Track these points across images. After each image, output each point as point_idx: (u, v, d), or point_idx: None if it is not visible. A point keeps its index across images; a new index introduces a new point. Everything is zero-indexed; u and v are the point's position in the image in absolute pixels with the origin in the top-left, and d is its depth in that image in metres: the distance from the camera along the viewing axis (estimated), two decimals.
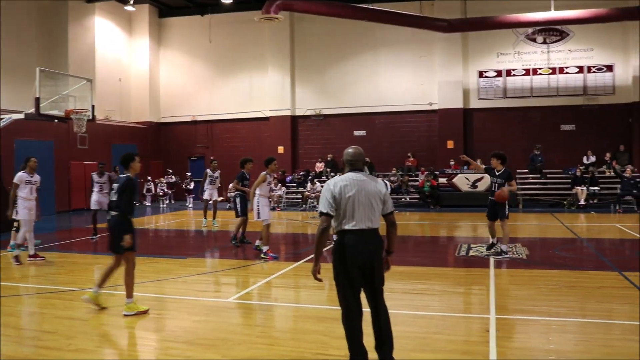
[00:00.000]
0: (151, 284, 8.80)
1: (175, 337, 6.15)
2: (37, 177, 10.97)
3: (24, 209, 10.61)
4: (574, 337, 5.99)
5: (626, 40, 23.27)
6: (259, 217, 11.08)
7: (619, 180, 20.86)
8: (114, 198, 7.04)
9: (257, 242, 11.60)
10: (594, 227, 16.18)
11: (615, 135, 23.24)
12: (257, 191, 11.10)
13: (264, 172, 11.07)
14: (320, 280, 4.90)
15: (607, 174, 22.28)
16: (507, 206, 10.58)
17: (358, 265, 4.74)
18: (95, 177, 14.15)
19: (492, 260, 10.23)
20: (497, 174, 10.65)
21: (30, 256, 10.83)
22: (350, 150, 5.01)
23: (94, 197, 13.93)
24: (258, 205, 11.08)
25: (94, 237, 13.89)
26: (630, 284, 8.15)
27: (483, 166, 11.39)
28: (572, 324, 6.42)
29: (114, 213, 7.02)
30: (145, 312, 6.94)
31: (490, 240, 11.26)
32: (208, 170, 17.25)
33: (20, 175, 10.70)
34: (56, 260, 11.15)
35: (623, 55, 23.41)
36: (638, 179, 20.22)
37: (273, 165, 11.18)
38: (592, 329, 6.24)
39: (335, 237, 4.90)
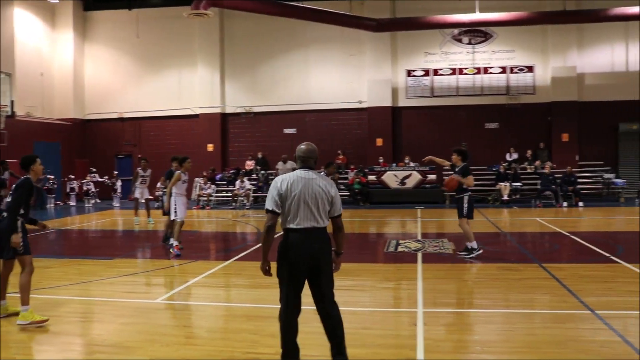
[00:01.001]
0: (75, 287, 8.50)
1: (102, 341, 5.95)
2: None
3: None
4: (498, 327, 6.18)
5: (545, 42, 24.30)
6: (175, 216, 11.25)
7: (538, 176, 21.80)
8: (9, 199, 6.57)
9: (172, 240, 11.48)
10: (516, 222, 16.79)
11: (536, 133, 24.24)
12: (174, 190, 11.32)
13: (179, 171, 11.41)
14: (270, 275, 4.85)
15: (529, 170, 23.20)
16: (466, 204, 10.15)
17: (302, 265, 4.65)
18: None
19: (419, 255, 10.43)
20: (456, 170, 10.43)
21: None
22: (302, 146, 4.93)
23: None
24: (175, 204, 11.30)
25: None
26: (549, 275, 8.49)
27: (448, 162, 11.06)
28: (496, 315, 6.64)
29: (5, 215, 6.55)
30: (42, 322, 6.37)
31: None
32: (139, 170, 16.88)
33: None
34: None
35: (542, 57, 24.42)
36: (557, 175, 21.17)
37: (187, 164, 11.55)
38: (515, 319, 6.46)
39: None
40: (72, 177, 25.61)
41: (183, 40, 26.82)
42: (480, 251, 9.99)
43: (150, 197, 17.30)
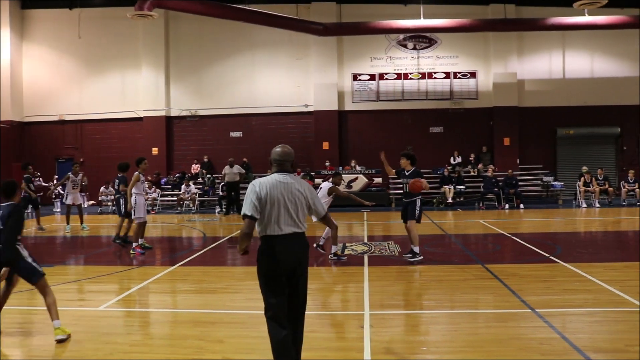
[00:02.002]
0: (14, 296, 8.17)
1: (41, 352, 5.79)
2: None
3: None
4: (442, 327, 6.31)
5: (487, 49, 24.95)
6: (134, 215, 11.80)
7: (481, 179, 22.37)
8: None
9: (140, 241, 11.91)
10: (460, 224, 17.15)
11: (479, 137, 24.85)
12: (134, 190, 11.71)
13: (137, 172, 11.74)
14: (247, 252, 4.60)
15: (472, 173, 23.75)
16: (418, 207, 10.23)
17: (285, 272, 4.52)
18: None
19: (366, 258, 10.53)
20: (406, 173, 10.27)
21: None
22: (278, 149, 4.73)
23: None
24: (135, 204, 11.73)
25: None
26: (491, 275, 8.71)
27: (393, 170, 10.89)
28: (441, 316, 6.77)
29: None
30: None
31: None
32: (70, 174, 16.45)
33: None
34: None
35: (484, 63, 25.06)
36: (499, 178, 21.76)
37: (144, 165, 12.02)
38: (459, 319, 6.61)
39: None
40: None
41: (127, 41, 26.26)
42: (421, 257, 9.98)
43: (90, 202, 16.96)
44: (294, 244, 4.57)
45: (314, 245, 10.33)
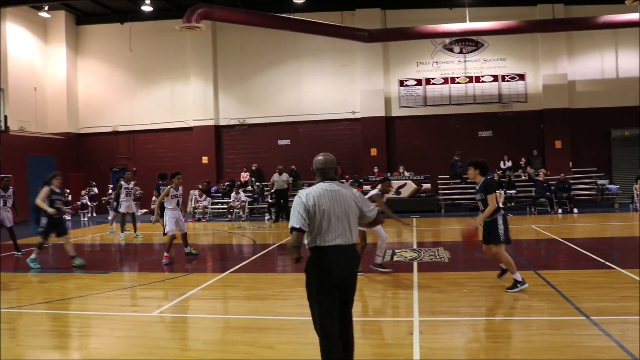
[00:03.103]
0: (72, 301, 8.47)
1: (98, 355, 5.94)
2: None
3: None
4: (494, 335, 6.20)
5: (536, 50, 24.47)
6: (165, 229, 11.90)
7: (533, 183, 21.90)
8: None
9: (187, 249, 12.08)
10: (512, 229, 16.71)
11: (529, 140, 24.35)
12: (166, 204, 11.75)
13: (169, 186, 11.76)
14: (300, 258, 4.37)
15: (523, 177, 23.29)
16: (500, 226, 8.24)
17: (335, 285, 4.31)
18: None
19: (415, 264, 10.45)
20: (477, 187, 8.33)
21: None
22: (320, 157, 4.55)
23: (6, 213, 13.24)
24: (166, 218, 11.76)
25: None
26: (544, 282, 8.51)
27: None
28: (493, 323, 6.66)
29: None
30: None
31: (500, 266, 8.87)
32: (122, 182, 16.83)
33: None
34: None
35: (533, 64, 24.58)
36: (550, 182, 21.26)
37: (177, 180, 11.84)
38: (511, 326, 6.49)
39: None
40: (67, 191, 25.53)
41: (176, 53, 26.87)
42: (526, 285, 7.91)
43: (143, 210, 17.34)
44: (345, 255, 4.36)
45: (370, 265, 9.97)
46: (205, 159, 26.30)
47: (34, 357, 6.03)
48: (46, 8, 24.74)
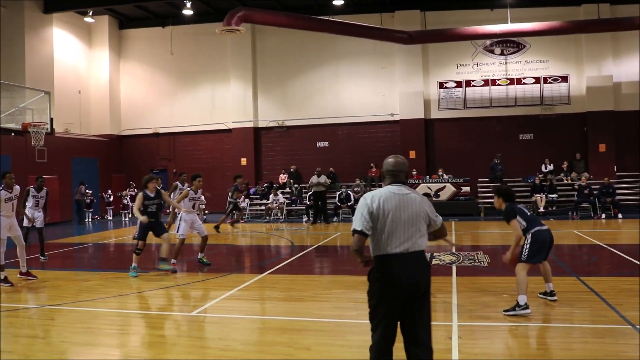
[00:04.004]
0: (114, 299, 8.65)
1: (138, 353, 6.07)
2: (16, 190, 10.34)
3: (4, 227, 9.83)
4: (534, 341, 6.11)
5: (579, 52, 23.97)
6: (176, 231, 11.49)
7: (575, 188, 21.43)
8: None
9: (199, 255, 11.70)
10: (553, 234, 16.45)
11: (572, 143, 23.86)
12: (182, 206, 11.42)
13: (188, 188, 11.51)
14: (370, 261, 4.09)
15: (565, 181, 22.83)
16: (527, 245, 7.72)
17: (401, 295, 3.98)
18: (33, 191, 13.26)
19: (454, 268, 10.35)
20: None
21: (21, 274, 10.27)
22: (390, 159, 4.29)
23: (31, 213, 13.01)
24: (179, 221, 11.45)
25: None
26: (587, 288, 8.34)
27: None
28: (533, 329, 6.55)
29: None
30: None
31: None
32: (177, 183, 17.07)
33: (1, 193, 9.93)
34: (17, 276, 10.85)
35: (576, 66, 24.08)
36: (593, 187, 20.78)
37: (197, 182, 11.55)
38: (553, 333, 6.37)
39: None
40: (110, 191, 26.13)
41: (216, 55, 27.22)
42: (528, 311, 6.97)
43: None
44: (413, 263, 4.04)
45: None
46: (244, 161, 26.55)
47: (77, 354, 6.18)
48: (90, 13, 25.37)
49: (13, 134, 16.65)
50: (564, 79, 24.25)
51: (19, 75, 22.17)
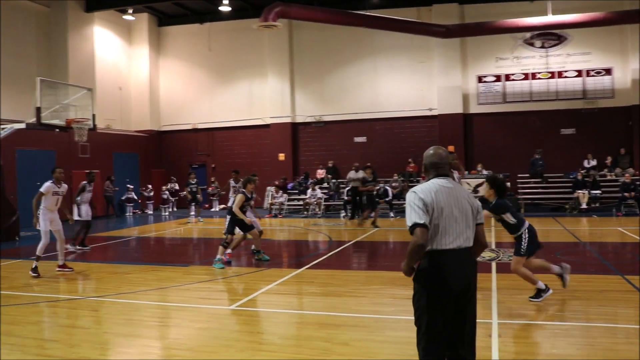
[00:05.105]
0: (154, 292, 8.81)
1: (179, 345, 6.16)
2: (64, 187, 10.69)
3: (46, 220, 10.24)
4: (577, 341, 5.97)
5: (624, 43, 23.30)
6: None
7: (620, 184, 20.89)
8: None
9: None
10: (596, 231, 16.15)
11: (616, 138, 23.25)
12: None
13: (243, 192, 11.38)
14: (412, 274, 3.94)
15: (609, 177, 22.28)
16: (525, 240, 7.58)
17: (453, 293, 3.84)
18: (87, 186, 13.85)
19: (493, 265, 10.22)
20: (490, 207, 7.79)
21: (59, 266, 10.65)
22: (431, 151, 4.14)
23: (85, 207, 13.76)
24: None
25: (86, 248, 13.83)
26: (632, 287, 8.14)
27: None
28: (576, 328, 6.41)
29: None
30: None
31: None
32: (231, 181, 17.38)
33: (48, 186, 10.32)
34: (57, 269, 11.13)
35: (621, 58, 23.43)
36: (638, 183, 20.22)
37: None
38: (596, 333, 6.22)
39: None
40: (150, 186, 26.58)
41: (253, 51, 27.38)
42: (551, 291, 7.49)
43: (220, 206, 17.74)
44: (464, 260, 3.91)
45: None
46: (282, 156, 26.68)
47: (119, 344, 6.32)
48: (130, 11, 25.85)
49: (57, 130, 17.03)
50: (608, 71, 23.64)
51: (62, 73, 22.74)
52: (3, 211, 16.42)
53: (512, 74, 24.57)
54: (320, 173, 25.81)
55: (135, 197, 25.51)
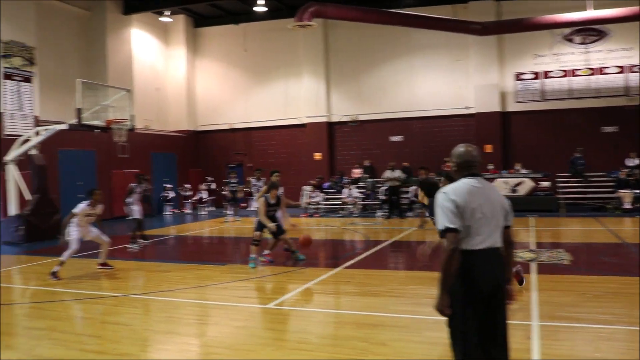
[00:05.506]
0: (193, 290, 8.92)
1: (218, 343, 6.25)
2: (99, 208, 10.69)
3: (78, 230, 10.33)
4: (621, 345, 5.84)
5: None
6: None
7: None
8: None
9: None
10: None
11: None
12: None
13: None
14: (449, 314, 3.85)
15: None
16: None
17: (483, 294, 3.81)
18: (136, 188, 14.74)
19: (533, 265, 10.06)
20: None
21: (99, 264, 10.92)
22: (461, 149, 4.12)
23: (137, 207, 14.59)
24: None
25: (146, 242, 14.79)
26: None
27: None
28: (620, 332, 6.26)
29: None
30: None
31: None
32: (252, 179, 17.55)
33: (82, 207, 10.35)
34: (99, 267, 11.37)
35: None
36: None
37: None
38: None
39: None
40: (187, 186, 26.93)
41: (288, 51, 27.50)
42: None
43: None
44: (494, 261, 3.88)
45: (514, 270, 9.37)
46: (318, 155, 26.72)
47: (159, 341, 6.44)
48: (167, 13, 26.23)
49: (97, 130, 17.41)
50: None
51: (102, 75, 23.22)
52: (46, 210, 16.87)
53: (551, 71, 24.12)
54: (357, 172, 25.76)
55: (173, 195, 25.88)
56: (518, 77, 24.53)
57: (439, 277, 3.78)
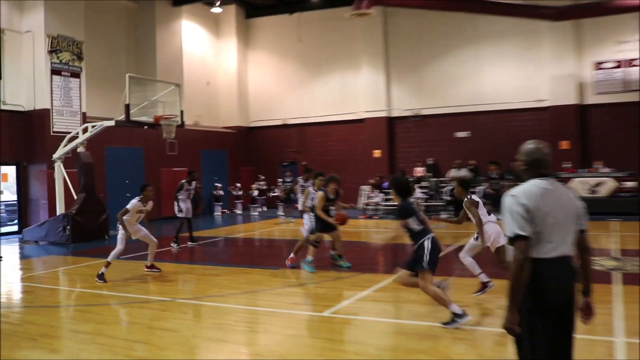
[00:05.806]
0: (244, 296, 8.98)
1: (269, 352, 6.24)
2: (150, 205, 10.95)
3: (121, 240, 10.52)
4: None
5: None
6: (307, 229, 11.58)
7: None
8: None
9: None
10: None
11: None
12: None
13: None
14: (518, 333, 3.65)
15: None
16: (424, 251, 7.06)
17: (555, 306, 3.68)
18: (186, 185, 15.00)
19: (617, 275, 9.67)
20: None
21: (147, 267, 11.18)
22: (531, 146, 3.94)
23: (184, 205, 14.83)
24: (308, 220, 11.56)
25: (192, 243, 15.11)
26: None
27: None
28: None
29: None
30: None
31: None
32: (299, 179, 17.56)
33: (134, 204, 10.61)
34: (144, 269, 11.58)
35: None
36: None
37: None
38: None
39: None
40: (238, 185, 27.20)
41: (345, 42, 27.43)
42: (469, 317, 6.88)
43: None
44: (566, 269, 3.75)
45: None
46: (377, 153, 26.53)
47: (207, 349, 6.50)
48: (218, 3, 26.58)
49: (146, 126, 17.72)
50: None
51: (150, 69, 23.74)
52: (93, 209, 17.31)
53: (635, 59, 23.23)
54: (419, 171, 25.42)
55: (222, 194, 26.22)
56: (598, 66, 23.73)
57: (507, 290, 3.60)
